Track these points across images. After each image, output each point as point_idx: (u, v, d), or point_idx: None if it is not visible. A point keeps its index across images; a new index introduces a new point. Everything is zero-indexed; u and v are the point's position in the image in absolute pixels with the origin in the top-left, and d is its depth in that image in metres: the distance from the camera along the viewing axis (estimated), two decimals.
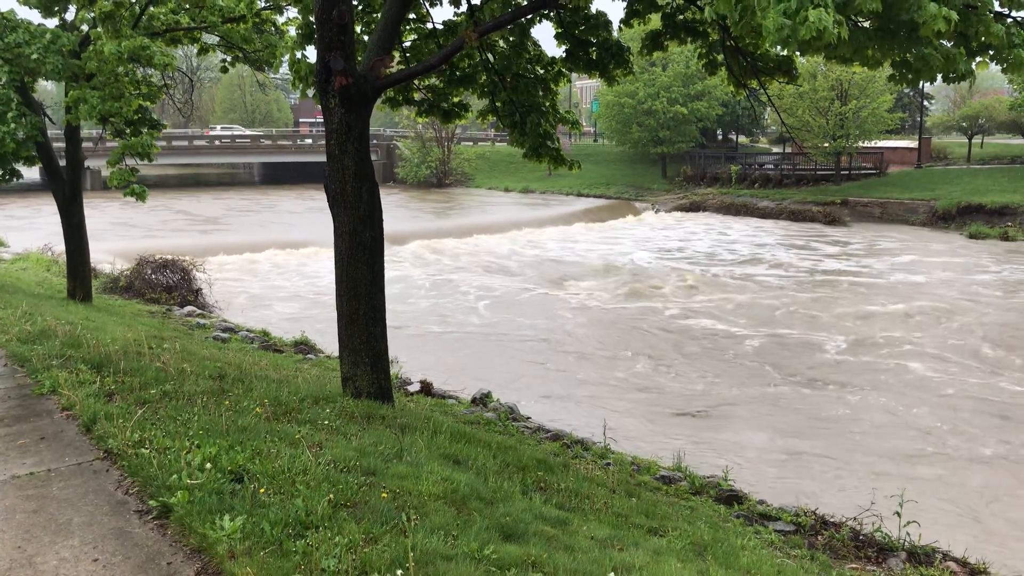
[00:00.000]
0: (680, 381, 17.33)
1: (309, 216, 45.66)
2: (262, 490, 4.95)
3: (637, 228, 44.79)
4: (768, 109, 57.59)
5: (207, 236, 38.08)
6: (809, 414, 15.30)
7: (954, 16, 5.89)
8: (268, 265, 30.58)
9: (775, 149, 68.58)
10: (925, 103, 68.20)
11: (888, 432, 14.35)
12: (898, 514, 8.62)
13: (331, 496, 4.92)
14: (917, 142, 57.86)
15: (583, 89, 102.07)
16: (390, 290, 9.00)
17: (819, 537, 9.05)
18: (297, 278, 28.41)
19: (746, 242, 39.36)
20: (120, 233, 37.40)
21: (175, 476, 5.05)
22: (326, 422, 6.87)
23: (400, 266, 30.08)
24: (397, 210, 47.92)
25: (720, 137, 73.07)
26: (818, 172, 52.36)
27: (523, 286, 27.78)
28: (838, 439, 14.07)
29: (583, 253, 35.62)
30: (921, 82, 7.25)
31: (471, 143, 77.02)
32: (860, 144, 50.94)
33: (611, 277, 29.70)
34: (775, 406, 15.71)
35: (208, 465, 5.22)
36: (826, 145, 49.38)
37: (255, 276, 28.58)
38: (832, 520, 9.55)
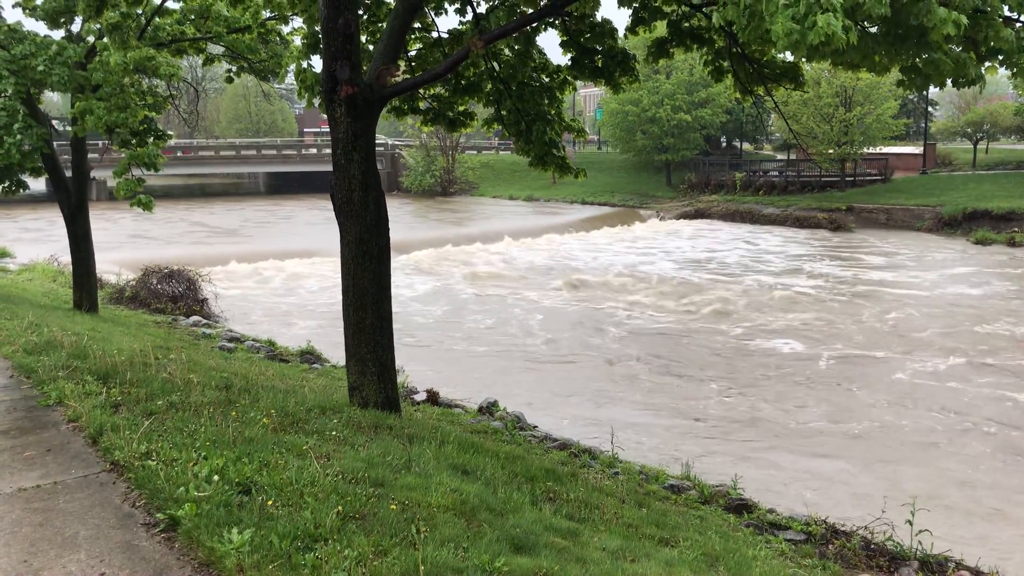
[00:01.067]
0: (685, 388, 17.25)
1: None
2: (270, 502, 4.90)
3: (642, 235, 44.76)
4: (772, 116, 57.56)
5: (233, 246, 38.14)
6: (817, 421, 15.20)
7: (963, 20, 5.86)
8: (274, 273, 30.59)
9: (779, 156, 68.51)
10: (930, 109, 68.09)
11: (899, 439, 14.26)
12: (910, 523, 8.53)
13: (340, 508, 4.87)
14: (922, 148, 57.80)
15: (587, 97, 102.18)
16: (396, 299, 8.96)
17: (830, 546, 8.97)
18: (304, 287, 28.40)
19: (769, 251, 39.29)
20: (140, 245, 37.45)
21: (182, 488, 5.00)
22: (333, 433, 6.82)
23: (406, 275, 30.07)
24: (402, 219, 47.95)
25: (724, 144, 73.04)
26: (823, 179, 52.30)
27: (531, 294, 27.72)
28: (847, 445, 13.98)
29: (589, 259, 35.58)
30: (928, 88, 7.21)
31: (475, 152, 77.12)
32: (865, 150, 50.90)
33: (611, 284, 29.64)
34: (783, 413, 15.62)
35: (215, 477, 5.17)
36: (831, 151, 49.33)
37: (262, 285, 28.58)
38: (843, 529, 9.47)
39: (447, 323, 23.43)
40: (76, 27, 15.59)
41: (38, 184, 37.28)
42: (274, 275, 30.42)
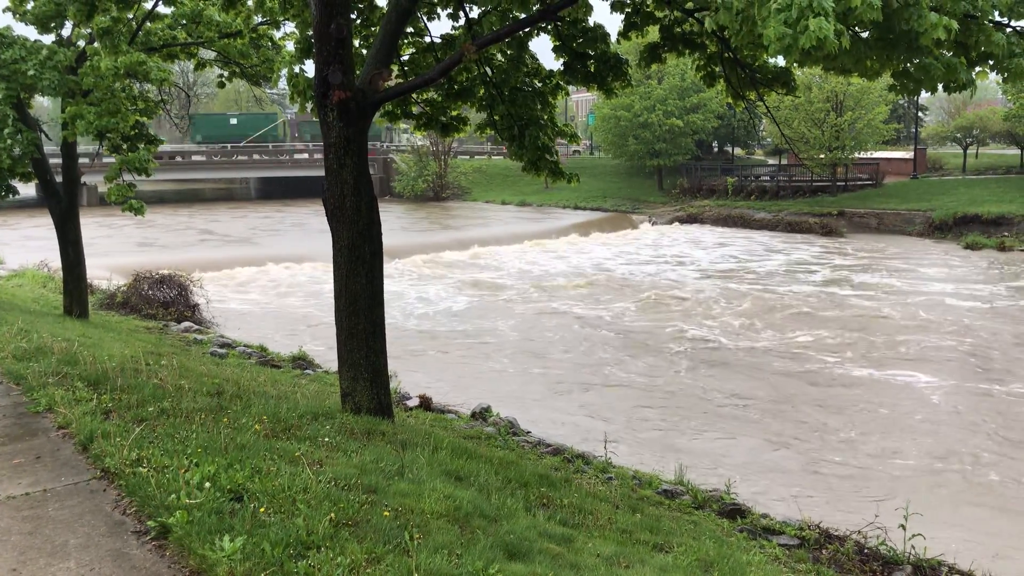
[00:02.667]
0: (680, 393, 17.25)
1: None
2: (262, 509, 4.86)
3: (639, 238, 44.80)
4: (764, 121, 57.77)
5: (223, 251, 38.03)
6: (809, 425, 15.22)
7: (954, 25, 5.88)
8: (266, 278, 30.51)
9: (771, 161, 68.73)
10: (920, 114, 68.42)
11: (891, 444, 14.28)
12: (903, 527, 8.54)
13: (332, 515, 4.84)
14: (912, 153, 58.04)
15: (579, 103, 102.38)
16: (388, 304, 8.94)
17: (823, 551, 8.97)
18: (296, 292, 28.33)
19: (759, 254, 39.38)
20: (133, 250, 37.28)
21: (173, 495, 4.95)
22: (326, 439, 6.78)
23: (398, 280, 30.02)
24: (394, 224, 47.87)
25: (716, 149, 73.22)
26: (814, 183, 52.48)
27: (524, 299, 27.71)
28: (839, 450, 14.00)
29: (578, 263, 35.61)
30: (920, 92, 7.23)
31: (468, 156, 77.10)
32: (856, 155, 51.10)
33: (602, 289, 29.66)
34: (775, 417, 15.63)
35: (207, 484, 5.13)
36: (822, 156, 49.52)
37: (253, 290, 28.50)
38: (836, 533, 9.47)
39: (439, 328, 23.40)
40: (67, 31, 15.52)
41: (28, 189, 37.03)
42: (266, 280, 30.35)
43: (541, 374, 18.71)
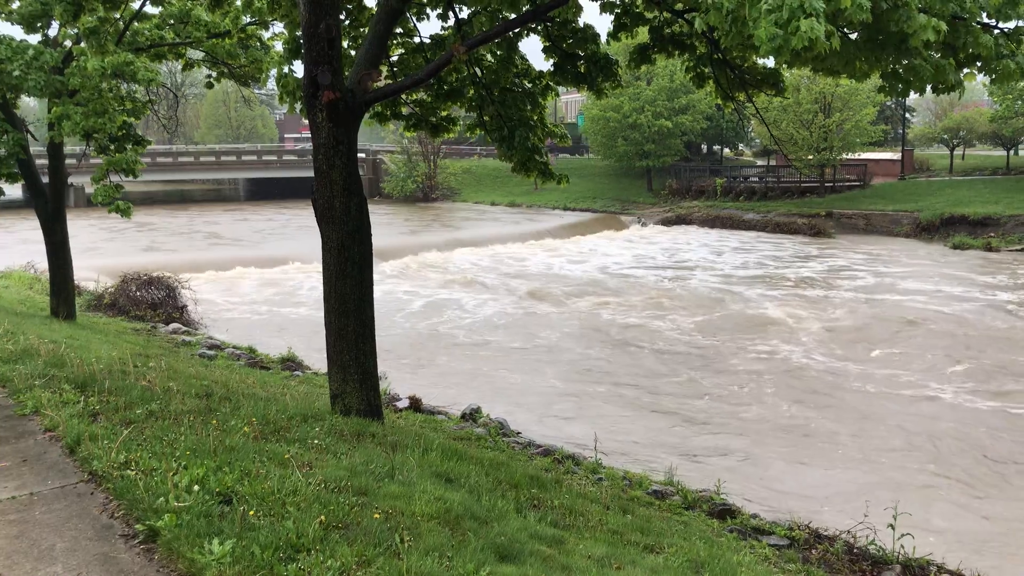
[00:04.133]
0: (668, 393, 17.27)
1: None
2: (251, 512, 4.83)
3: (621, 241, 44.88)
4: (752, 122, 57.97)
5: (212, 252, 37.81)
6: (799, 425, 15.26)
7: (943, 27, 5.90)
8: (254, 279, 30.40)
9: (759, 162, 68.97)
10: (907, 116, 68.82)
11: (880, 443, 14.33)
12: (892, 527, 8.57)
13: (322, 518, 4.81)
14: (900, 154, 58.36)
15: (568, 104, 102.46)
16: (377, 305, 8.91)
17: (813, 551, 8.99)
18: (284, 293, 28.24)
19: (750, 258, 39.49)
20: (122, 251, 37.07)
21: (162, 499, 4.91)
22: (316, 441, 6.74)
23: (387, 281, 29.95)
24: (384, 225, 47.79)
25: (705, 150, 73.43)
26: (802, 184, 52.70)
27: (512, 300, 27.70)
28: (827, 450, 14.04)
29: (574, 265, 35.64)
30: (909, 94, 7.26)
31: (457, 157, 77.10)
32: (844, 156, 51.34)
33: (596, 291, 29.69)
34: (765, 417, 15.67)
35: (196, 487, 5.09)
36: (810, 157, 49.74)
37: (242, 292, 28.38)
38: (826, 533, 9.50)
39: (429, 329, 23.35)
40: (53, 31, 15.42)
41: (14, 190, 36.75)
42: (254, 282, 30.23)
43: (532, 374, 18.69)
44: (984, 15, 6.74)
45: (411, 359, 19.70)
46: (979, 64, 6.96)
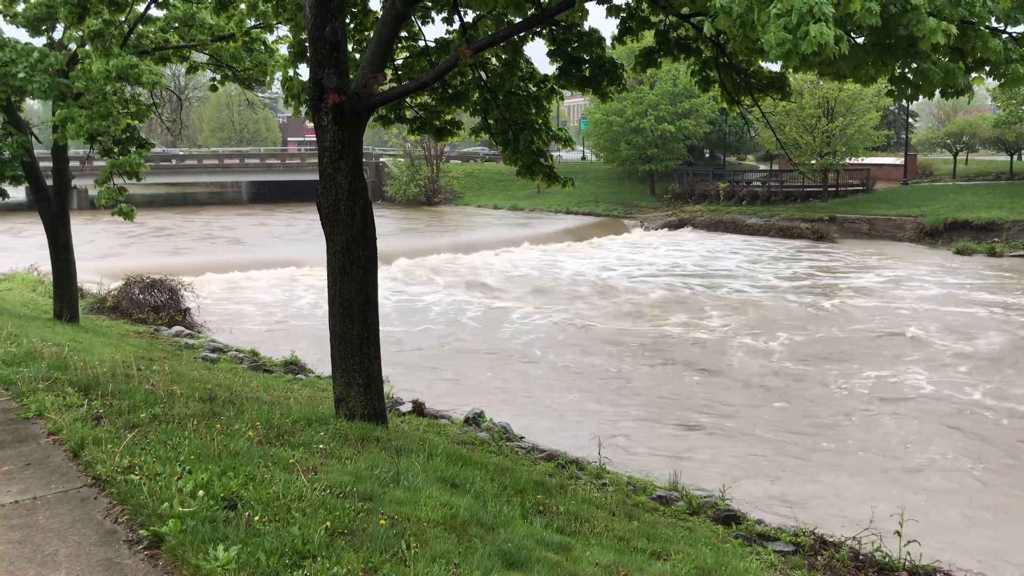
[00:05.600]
0: (673, 398, 17.22)
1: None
2: (256, 518, 4.78)
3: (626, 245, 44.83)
4: (755, 127, 57.98)
5: (214, 255, 37.77)
6: (803, 431, 15.20)
7: (953, 30, 5.87)
8: (258, 282, 30.38)
9: (762, 167, 68.91)
10: (910, 120, 68.77)
11: (886, 448, 14.27)
12: (898, 533, 8.51)
13: (328, 523, 4.76)
14: (903, 159, 58.29)
15: (571, 108, 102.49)
16: (381, 309, 8.87)
17: (819, 558, 8.94)
18: (287, 296, 28.21)
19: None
20: (121, 254, 37.02)
21: (166, 504, 4.87)
22: (320, 445, 6.71)
23: (389, 283, 29.92)
24: (387, 228, 47.77)
25: (707, 155, 73.39)
26: (805, 189, 52.63)
27: (514, 303, 27.66)
28: (832, 455, 13.98)
29: (575, 268, 35.60)
30: (918, 97, 7.22)
31: (459, 161, 77.11)
32: (847, 161, 51.26)
33: (593, 294, 29.64)
34: (769, 422, 15.61)
35: (200, 492, 5.04)
36: (813, 162, 49.68)
37: (245, 295, 28.37)
38: (831, 540, 9.44)
39: (431, 332, 23.32)
40: (58, 34, 15.43)
41: (18, 193, 36.77)
42: (258, 285, 30.21)
43: (535, 378, 18.65)
44: (993, 19, 6.70)
45: (413, 362, 19.66)
46: (987, 68, 6.94)
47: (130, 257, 34.67)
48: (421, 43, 11.23)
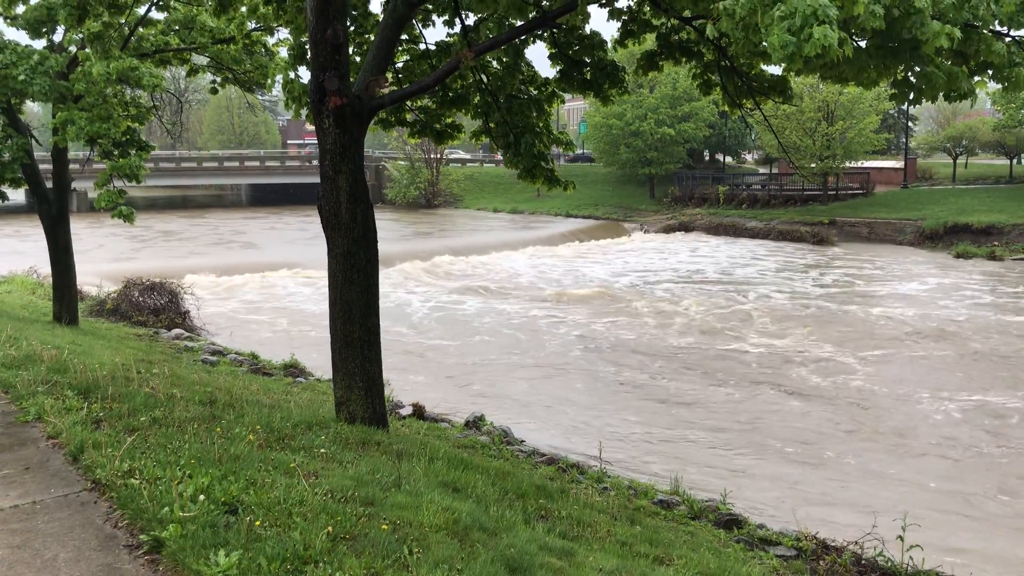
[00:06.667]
0: (672, 400, 17.19)
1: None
2: (257, 522, 4.75)
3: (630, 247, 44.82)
4: (756, 130, 58.02)
5: (213, 258, 37.70)
6: (804, 433, 15.17)
7: (957, 33, 5.85)
8: (257, 285, 30.34)
9: (762, 170, 68.95)
10: (909, 124, 68.82)
11: (887, 453, 14.24)
12: (901, 538, 8.47)
13: (330, 528, 4.73)
14: (903, 162, 58.32)
15: (571, 111, 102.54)
16: (381, 311, 8.84)
17: (821, 562, 8.90)
18: (286, 299, 28.18)
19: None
20: (121, 257, 36.94)
21: (167, 508, 4.83)
22: (321, 449, 6.67)
23: (389, 286, 29.89)
24: (387, 231, 47.72)
25: (707, 158, 73.42)
26: (805, 192, 52.68)
27: (515, 306, 27.63)
28: (834, 459, 13.95)
29: (575, 271, 35.58)
30: (921, 101, 7.20)
31: (460, 164, 77.15)
32: (846, 165, 51.29)
33: (593, 297, 29.62)
34: (769, 425, 15.58)
35: (201, 496, 5.00)
36: (813, 165, 49.71)
37: (244, 297, 28.33)
38: (833, 544, 9.40)
39: (431, 335, 23.28)
40: (58, 37, 15.41)
41: (17, 195, 36.69)
42: (257, 287, 30.18)
43: (536, 381, 18.61)
44: (996, 22, 6.68)
45: (413, 365, 19.62)
46: (991, 72, 6.91)
47: (144, 260, 34.42)
48: (422, 46, 11.21)
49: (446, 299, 28.91)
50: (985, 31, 6.55)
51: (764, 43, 5.69)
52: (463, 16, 10.56)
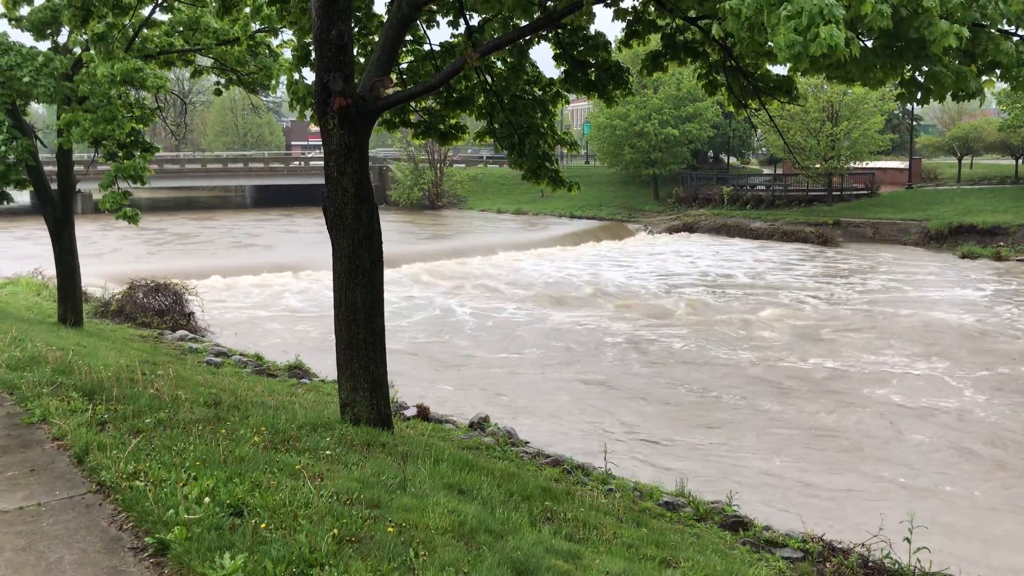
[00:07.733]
0: (676, 401, 17.15)
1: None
2: (263, 525, 4.73)
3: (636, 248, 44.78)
4: (761, 130, 57.94)
5: (216, 260, 37.74)
6: (811, 435, 15.12)
7: (965, 33, 5.82)
8: (261, 286, 30.35)
9: (766, 170, 68.84)
10: (915, 124, 68.68)
11: (895, 454, 14.19)
12: (908, 540, 8.42)
13: (335, 531, 4.71)
14: (908, 163, 58.17)
15: (575, 112, 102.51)
16: (385, 313, 8.82)
17: (827, 564, 8.85)
18: (291, 301, 28.19)
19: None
20: (123, 258, 36.98)
21: (172, 511, 4.82)
22: (326, 451, 6.65)
23: (392, 287, 29.88)
24: (391, 232, 47.58)
25: (711, 159, 73.33)
26: (810, 193, 52.58)
27: (517, 308, 27.60)
28: (842, 461, 13.90)
29: (577, 271, 35.55)
30: (929, 101, 7.15)
31: (463, 165, 77.14)
32: (851, 165, 51.19)
33: (591, 298, 29.59)
34: (776, 427, 15.53)
35: (206, 499, 4.99)
36: (818, 166, 49.62)
37: (249, 299, 28.35)
38: (840, 546, 9.35)
39: (435, 336, 23.26)
40: (63, 38, 15.43)
41: (23, 196, 36.79)
42: (261, 289, 30.19)
43: (539, 383, 18.59)
44: (1005, 22, 6.65)
45: (416, 366, 19.61)
46: (999, 72, 6.87)
47: (160, 261, 34.22)
48: (426, 47, 11.20)
49: (449, 300, 28.90)
50: (993, 30, 6.52)
51: (770, 43, 5.67)
52: (467, 17, 10.55)
